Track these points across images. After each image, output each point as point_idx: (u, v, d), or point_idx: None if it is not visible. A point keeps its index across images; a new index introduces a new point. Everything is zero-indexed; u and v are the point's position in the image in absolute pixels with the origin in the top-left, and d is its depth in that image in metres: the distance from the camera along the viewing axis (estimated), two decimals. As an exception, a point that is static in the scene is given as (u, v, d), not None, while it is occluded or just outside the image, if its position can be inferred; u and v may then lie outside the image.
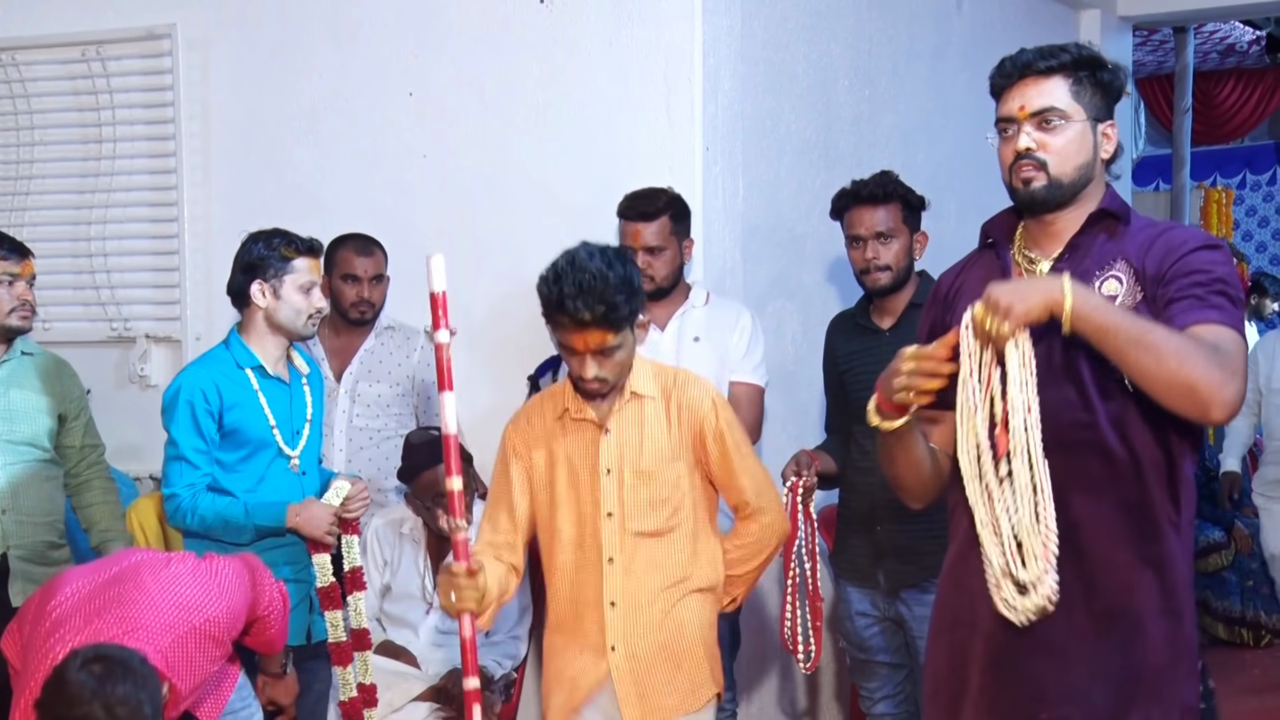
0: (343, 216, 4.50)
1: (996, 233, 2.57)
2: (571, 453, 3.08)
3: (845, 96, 4.90)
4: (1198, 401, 2.23)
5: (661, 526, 3.06)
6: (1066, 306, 2.23)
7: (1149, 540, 2.40)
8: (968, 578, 2.47)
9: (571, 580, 3.10)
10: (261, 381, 3.52)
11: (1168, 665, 2.41)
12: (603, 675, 3.06)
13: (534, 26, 4.43)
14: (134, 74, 4.93)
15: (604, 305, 2.88)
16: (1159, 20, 7.68)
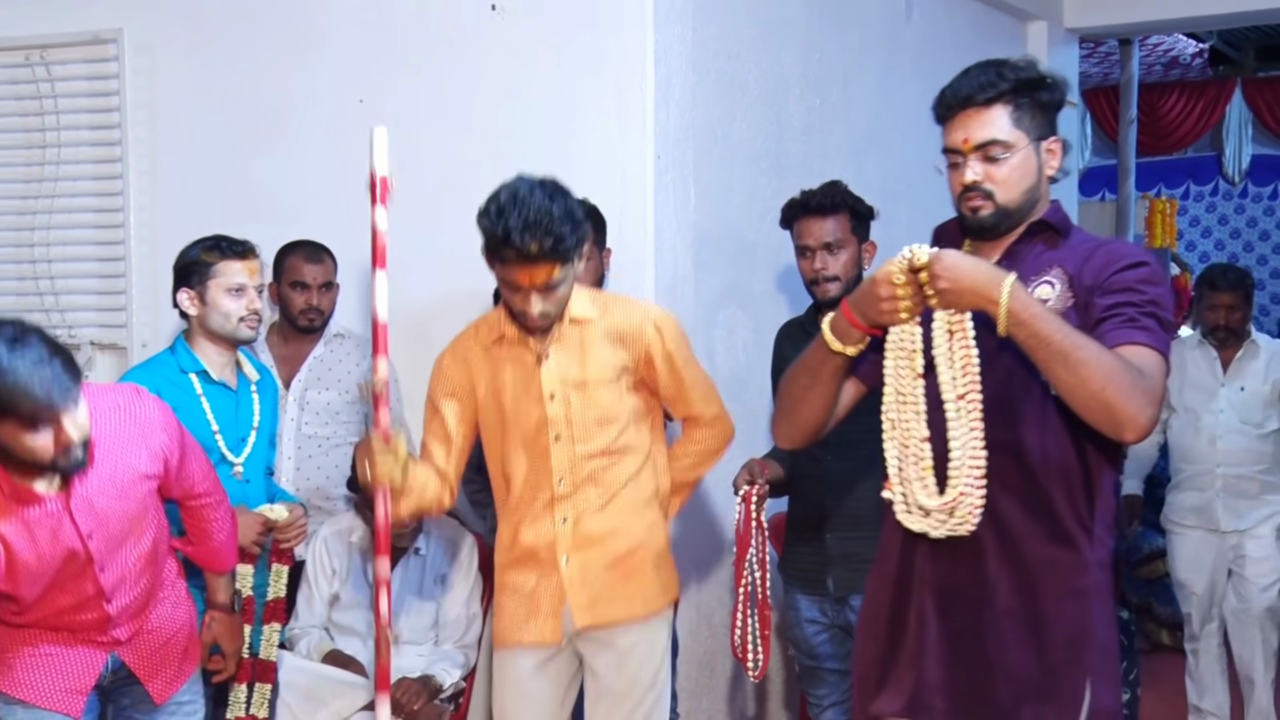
0: (293, 224, 4.46)
1: (948, 239, 2.62)
2: (513, 379, 3.10)
3: (796, 105, 4.92)
4: (1114, 422, 2.29)
5: (609, 445, 3.10)
6: (1002, 307, 2.28)
7: (1057, 543, 2.47)
8: (885, 569, 2.58)
9: (524, 502, 3.12)
10: (205, 387, 3.49)
11: (1066, 666, 2.47)
12: (556, 587, 3.11)
13: (486, 34, 4.42)
14: (79, 79, 4.89)
15: (551, 238, 2.87)
16: (1104, 32, 7.78)
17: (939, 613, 2.51)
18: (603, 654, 3.16)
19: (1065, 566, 2.47)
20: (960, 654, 2.50)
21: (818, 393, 2.59)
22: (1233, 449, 5.09)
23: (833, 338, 2.50)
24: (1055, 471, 2.46)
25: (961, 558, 2.48)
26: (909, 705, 2.53)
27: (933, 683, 2.51)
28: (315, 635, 4.04)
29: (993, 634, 2.48)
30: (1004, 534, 2.46)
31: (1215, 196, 11.01)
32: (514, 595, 3.16)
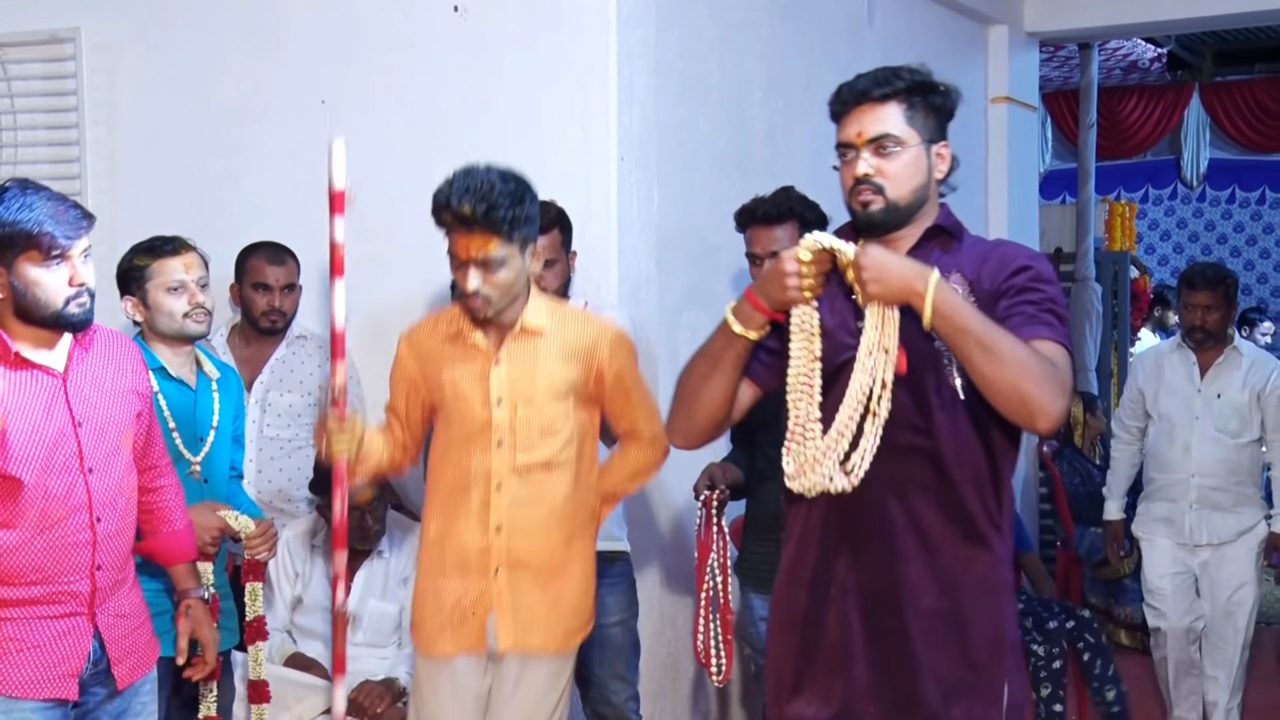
0: (254, 225, 4.44)
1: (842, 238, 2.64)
2: (462, 377, 3.10)
3: (759, 108, 4.94)
4: (1028, 411, 2.37)
5: (550, 458, 3.09)
6: (928, 301, 2.37)
7: (972, 542, 2.55)
8: (799, 572, 2.62)
9: (457, 504, 3.11)
10: (162, 384, 3.45)
11: (989, 662, 2.56)
12: (482, 596, 3.09)
13: (449, 35, 4.41)
14: (35, 78, 4.85)
15: (486, 204, 2.90)
16: (1065, 37, 7.83)
17: (863, 618, 2.55)
18: (513, 678, 3.12)
19: (982, 565, 2.56)
20: (887, 657, 2.54)
21: (716, 381, 2.62)
22: (1207, 459, 4.94)
23: (734, 320, 2.57)
24: (968, 473, 2.54)
25: (882, 562, 2.54)
26: (840, 712, 2.57)
27: (862, 688, 2.55)
28: (277, 638, 4.02)
29: (918, 636, 2.53)
30: (924, 538, 2.53)
31: (1174, 200, 11.10)
32: (436, 600, 3.13)
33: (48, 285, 2.73)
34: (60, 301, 2.74)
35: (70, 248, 2.75)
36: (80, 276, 2.77)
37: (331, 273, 2.91)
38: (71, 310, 2.76)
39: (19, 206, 2.70)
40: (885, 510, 2.54)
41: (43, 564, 2.77)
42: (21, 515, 2.74)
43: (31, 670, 2.78)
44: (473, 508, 3.09)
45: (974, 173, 6.67)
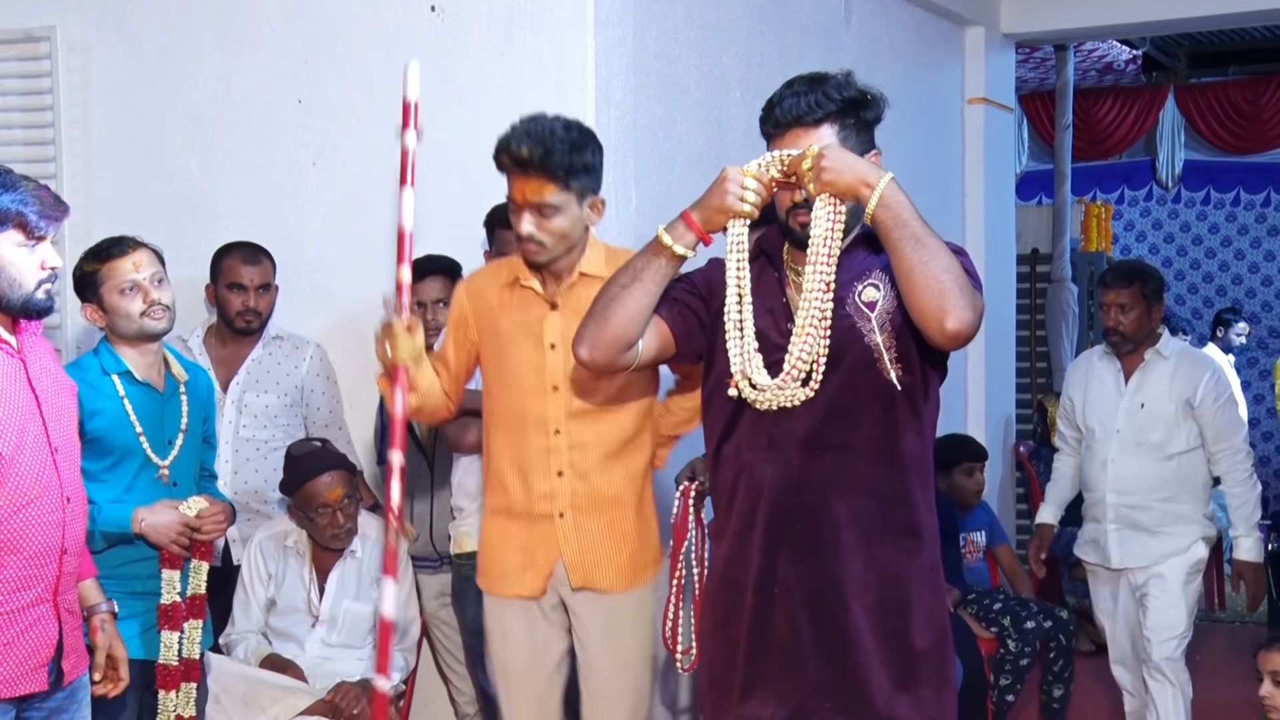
0: (229, 225, 4.44)
1: (771, 247, 2.74)
2: (518, 323, 3.14)
3: (737, 109, 4.95)
4: (941, 307, 2.44)
5: (606, 400, 3.13)
6: (877, 190, 2.45)
7: (913, 533, 2.63)
8: (737, 574, 2.66)
9: (518, 450, 3.15)
10: (128, 388, 3.44)
11: (934, 646, 2.63)
12: (548, 540, 3.15)
13: (425, 35, 4.40)
14: (11, 77, 4.83)
15: (543, 149, 2.95)
16: (1040, 38, 7.86)
17: (810, 616, 2.59)
18: (593, 618, 3.20)
19: (921, 553, 2.64)
20: (837, 653, 2.59)
21: (634, 292, 2.65)
22: (1124, 474, 4.51)
23: (664, 233, 2.62)
24: (910, 464, 2.61)
25: (824, 560, 2.58)
26: (795, 711, 2.61)
27: (815, 685, 2.59)
28: (253, 640, 4.00)
29: (865, 629, 2.58)
30: (865, 533, 2.59)
31: (1149, 201, 11.12)
32: (504, 542, 3.19)
33: (22, 267, 2.74)
34: (32, 284, 2.76)
35: (48, 232, 2.77)
36: (51, 261, 2.78)
37: (401, 181, 2.93)
38: (39, 295, 2.78)
39: (2, 186, 2.71)
40: (826, 508, 2.58)
41: (19, 541, 2.75)
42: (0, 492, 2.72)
43: (7, 667, 2.76)
44: (532, 452, 3.13)
45: (950, 173, 6.69)
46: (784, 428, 2.60)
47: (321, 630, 3.99)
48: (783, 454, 2.61)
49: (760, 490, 2.63)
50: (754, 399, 2.60)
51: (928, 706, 2.61)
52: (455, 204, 4.29)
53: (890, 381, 2.57)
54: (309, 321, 4.39)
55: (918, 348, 2.59)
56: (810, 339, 2.54)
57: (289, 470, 3.93)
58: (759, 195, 2.57)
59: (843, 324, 2.58)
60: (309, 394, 4.26)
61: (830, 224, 2.52)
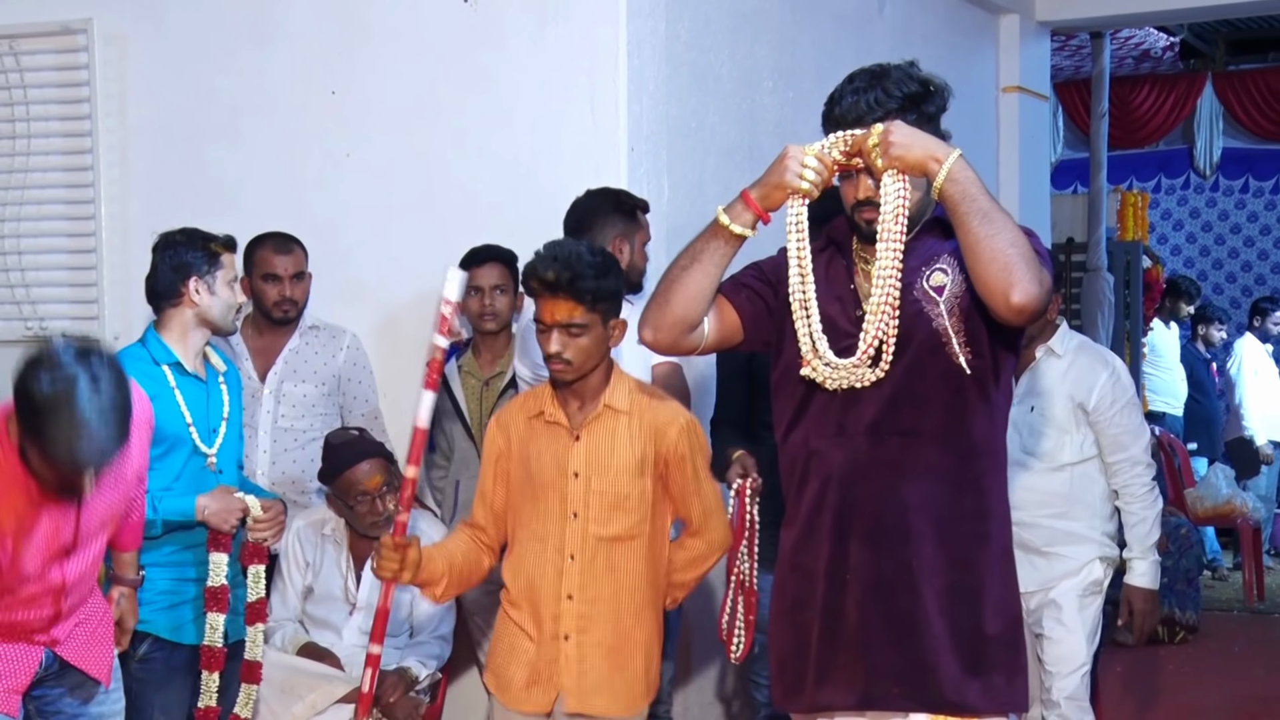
0: (263, 215, 4.46)
1: (839, 236, 2.74)
2: (543, 451, 3.21)
3: (769, 99, 4.95)
4: (1007, 280, 2.42)
5: (622, 533, 3.20)
6: (945, 165, 2.45)
7: (985, 518, 2.62)
8: (806, 560, 2.66)
9: (532, 571, 3.22)
10: (178, 379, 3.49)
11: (1005, 632, 2.62)
12: (553, 661, 3.20)
13: (458, 25, 4.43)
14: (49, 69, 4.87)
15: (570, 273, 3.04)
16: (1076, 26, 7.81)
17: (880, 602, 2.59)
18: None
19: (991, 539, 2.63)
20: (906, 639, 2.58)
21: (694, 274, 2.67)
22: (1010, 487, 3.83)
23: (722, 213, 2.63)
24: (980, 448, 2.61)
25: (894, 545, 2.58)
26: (863, 698, 2.61)
27: (883, 671, 2.59)
28: (290, 628, 4.04)
29: (934, 615, 2.57)
30: (935, 518, 2.58)
31: (1187, 190, 11.04)
32: (513, 656, 3.26)
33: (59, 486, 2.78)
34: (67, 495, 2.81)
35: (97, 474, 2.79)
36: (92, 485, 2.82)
37: (427, 382, 2.95)
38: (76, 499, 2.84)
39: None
40: (894, 493, 2.58)
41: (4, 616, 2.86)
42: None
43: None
44: (547, 574, 3.20)
45: (985, 163, 6.67)
46: (852, 413, 2.61)
47: (359, 618, 4.02)
48: (850, 439, 2.61)
49: (829, 476, 2.63)
50: (824, 378, 2.60)
51: (998, 693, 2.59)
52: (489, 196, 4.33)
53: (959, 365, 2.56)
54: (343, 312, 4.42)
55: (988, 331, 2.58)
56: (884, 317, 2.54)
57: (327, 459, 3.97)
58: (819, 175, 2.56)
59: (910, 309, 2.57)
60: (346, 383, 4.30)
61: (900, 200, 2.52)
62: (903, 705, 2.59)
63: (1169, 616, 6.62)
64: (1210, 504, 7.60)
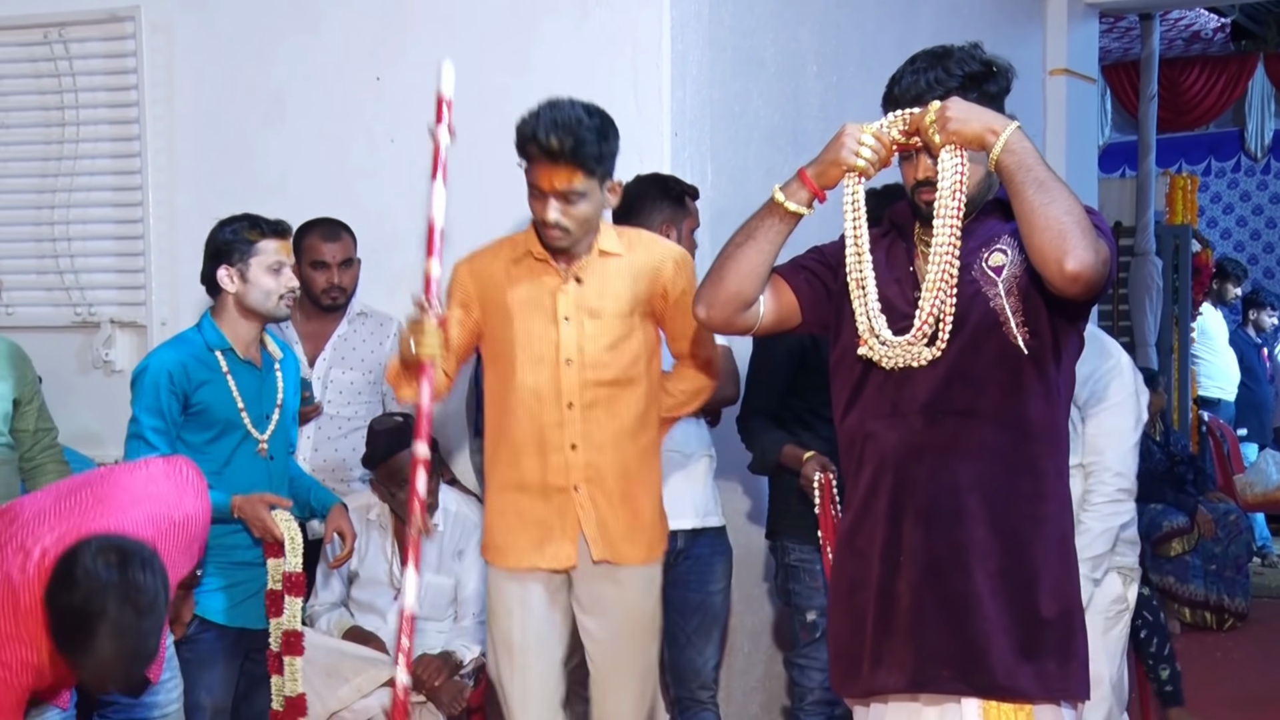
0: (309, 201, 4.48)
1: (901, 219, 2.73)
2: (528, 299, 3.15)
3: (813, 83, 4.91)
4: (1063, 248, 2.40)
5: (619, 375, 3.15)
6: (1004, 137, 2.45)
7: (1042, 500, 2.59)
8: (861, 543, 2.64)
9: (530, 425, 3.16)
10: (232, 364, 3.52)
11: (1060, 617, 2.58)
12: (566, 513, 3.15)
13: (502, 12, 4.42)
14: (96, 56, 4.89)
15: (574, 139, 2.99)
16: (1125, 7, 7.73)
17: (932, 583, 2.57)
18: (608, 593, 3.21)
19: (1048, 522, 2.59)
20: (959, 620, 2.55)
21: (749, 251, 2.66)
22: None
23: (778, 191, 2.62)
24: (1037, 430, 2.57)
25: (948, 526, 2.56)
26: (913, 680, 2.59)
27: (934, 652, 2.57)
28: (335, 612, 4.07)
29: (987, 597, 2.55)
30: (990, 499, 2.56)
31: (1237, 173, 10.91)
32: (519, 519, 3.19)
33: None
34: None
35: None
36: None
37: (432, 174, 3.01)
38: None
39: None
40: (949, 473, 2.56)
41: None
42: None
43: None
44: (546, 425, 3.14)
45: (1032, 146, 6.60)
46: (906, 393, 2.59)
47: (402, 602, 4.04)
48: (905, 420, 2.60)
49: (883, 458, 2.62)
50: (880, 357, 2.59)
51: (1050, 679, 2.56)
52: (532, 180, 4.32)
53: (1016, 346, 2.54)
54: (387, 298, 4.43)
55: (1048, 311, 2.56)
56: (940, 294, 2.53)
57: (371, 445, 3.98)
58: (875, 153, 2.54)
59: (968, 289, 2.56)
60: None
61: (957, 176, 2.51)
62: (954, 688, 2.57)
63: (1218, 604, 6.59)
64: (1260, 490, 7.56)
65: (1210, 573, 6.61)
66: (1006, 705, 2.55)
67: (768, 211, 2.64)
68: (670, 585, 3.33)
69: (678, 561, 3.68)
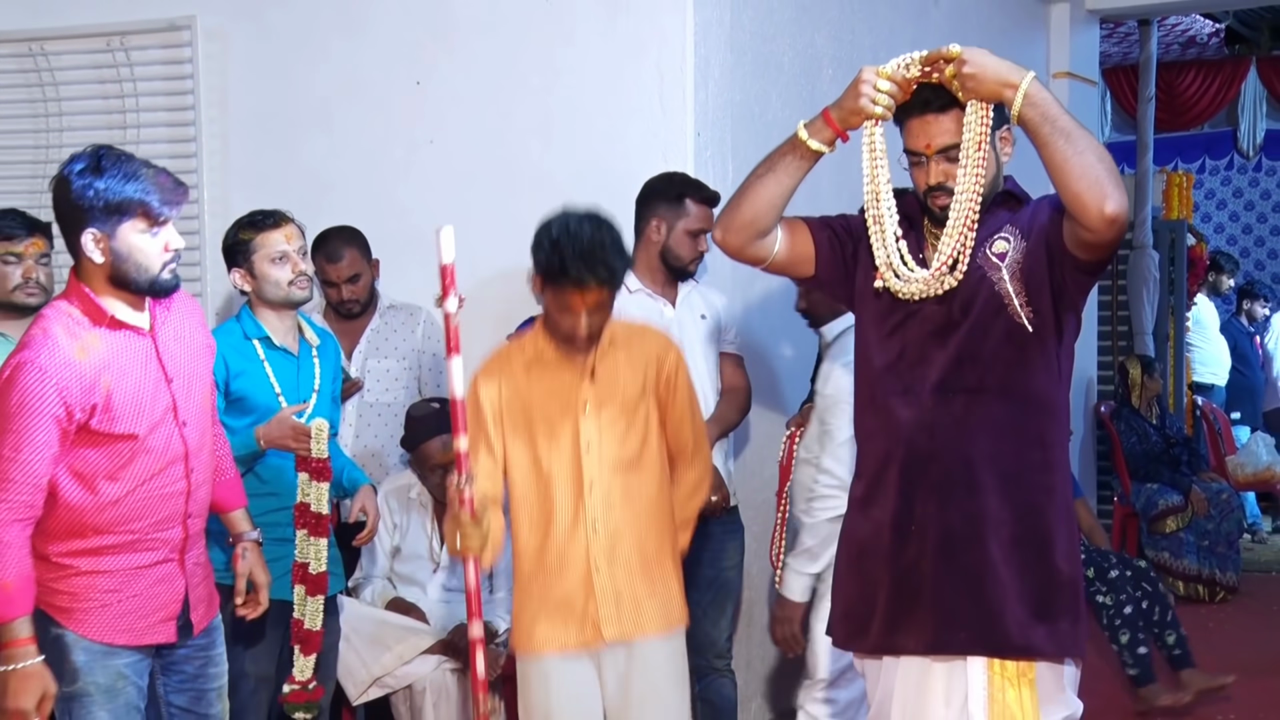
0: (354, 198, 4.47)
1: (912, 211, 2.69)
2: (548, 395, 3.11)
3: (829, 85, 4.86)
4: (1099, 192, 2.36)
5: (634, 455, 3.11)
6: (1021, 89, 2.38)
7: (1048, 470, 2.58)
8: (873, 510, 2.63)
9: (551, 512, 3.10)
10: (268, 352, 3.48)
11: (1070, 581, 2.57)
12: (588, 592, 3.07)
13: (534, 19, 4.39)
14: (155, 64, 4.88)
15: (605, 268, 2.95)
16: (1124, 13, 7.64)
17: (947, 553, 2.56)
18: (630, 662, 3.10)
19: (1055, 490, 2.59)
20: (974, 587, 2.54)
21: (769, 181, 2.63)
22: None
23: (802, 128, 2.59)
24: (1043, 404, 2.57)
25: (961, 498, 2.55)
26: (932, 646, 2.58)
27: (952, 618, 2.55)
28: (379, 584, 4.06)
29: (1001, 562, 2.53)
30: (1003, 471, 2.55)
31: (1230, 170, 10.79)
32: (545, 603, 3.11)
33: (148, 251, 2.69)
34: (157, 267, 2.71)
35: (171, 216, 2.72)
36: (174, 243, 2.73)
37: (447, 349, 2.84)
38: (164, 276, 2.73)
39: (124, 175, 2.65)
40: (961, 448, 2.55)
41: (144, 513, 2.75)
42: (126, 468, 2.72)
43: (132, 619, 2.77)
44: (567, 511, 3.09)
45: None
46: (918, 373, 2.58)
47: (441, 576, 4.03)
48: (917, 398, 2.58)
49: (896, 432, 2.60)
50: (899, 289, 2.57)
51: (1063, 638, 2.56)
52: (562, 179, 4.28)
53: (1021, 324, 2.53)
54: (425, 291, 4.38)
55: (1050, 292, 2.55)
56: (963, 234, 2.51)
57: (408, 429, 3.96)
58: (892, 97, 2.50)
59: (975, 275, 2.55)
60: (423, 357, 4.28)
61: (983, 127, 2.47)
62: (970, 649, 2.56)
63: (1210, 578, 6.55)
64: (1251, 470, 7.52)
65: (1203, 548, 6.56)
66: (1011, 668, 2.55)
67: (790, 147, 2.61)
68: (686, 562, 3.27)
69: (693, 539, 3.63)
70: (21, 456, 2.59)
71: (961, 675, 2.57)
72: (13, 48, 5.00)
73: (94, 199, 2.62)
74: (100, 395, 2.65)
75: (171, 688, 2.91)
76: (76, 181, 2.63)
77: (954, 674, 2.58)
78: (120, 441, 2.71)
